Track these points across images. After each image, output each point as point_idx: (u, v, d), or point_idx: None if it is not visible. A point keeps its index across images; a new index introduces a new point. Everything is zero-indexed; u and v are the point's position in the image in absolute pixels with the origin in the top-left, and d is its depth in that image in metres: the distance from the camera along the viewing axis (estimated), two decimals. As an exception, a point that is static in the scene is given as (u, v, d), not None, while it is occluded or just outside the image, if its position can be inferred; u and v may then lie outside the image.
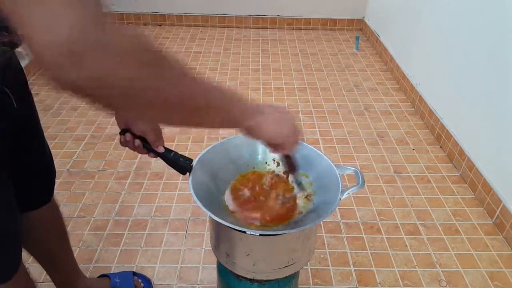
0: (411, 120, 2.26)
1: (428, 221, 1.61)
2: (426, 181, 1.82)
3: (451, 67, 2.01)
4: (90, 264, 1.40)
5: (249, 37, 3.35)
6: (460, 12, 1.94)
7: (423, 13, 2.35)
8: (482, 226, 1.59)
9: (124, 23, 3.39)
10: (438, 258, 1.45)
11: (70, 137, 2.04)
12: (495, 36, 1.65)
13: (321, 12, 3.45)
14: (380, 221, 1.60)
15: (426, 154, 1.99)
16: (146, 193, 1.72)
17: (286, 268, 0.90)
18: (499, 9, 1.63)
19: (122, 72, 0.42)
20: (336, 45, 3.23)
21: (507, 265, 1.43)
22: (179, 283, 1.35)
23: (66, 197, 1.68)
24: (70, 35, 0.38)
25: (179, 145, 2.00)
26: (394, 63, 2.72)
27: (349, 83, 2.65)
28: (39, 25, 0.37)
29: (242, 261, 0.89)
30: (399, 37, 2.74)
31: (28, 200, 0.96)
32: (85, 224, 1.55)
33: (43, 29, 0.37)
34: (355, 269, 1.41)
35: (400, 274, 1.40)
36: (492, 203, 1.61)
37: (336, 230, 1.56)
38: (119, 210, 1.63)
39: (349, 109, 2.36)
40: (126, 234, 1.52)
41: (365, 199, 1.71)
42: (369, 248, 1.49)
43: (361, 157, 1.97)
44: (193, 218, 1.59)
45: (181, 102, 0.53)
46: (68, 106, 2.30)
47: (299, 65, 2.90)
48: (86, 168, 1.84)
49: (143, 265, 1.40)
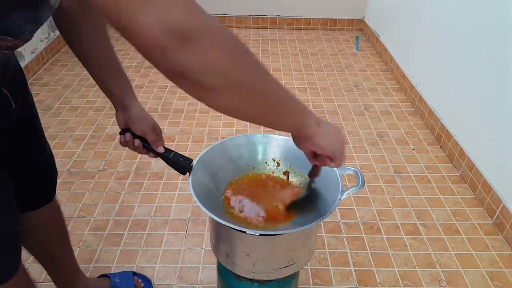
0: (411, 120, 2.26)
1: (428, 221, 1.61)
2: (426, 181, 1.82)
3: (451, 67, 2.01)
4: (90, 264, 1.40)
5: (249, 37, 3.35)
6: (460, 12, 1.94)
7: (423, 13, 2.35)
8: (482, 226, 1.59)
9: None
10: (438, 258, 1.46)
11: (70, 137, 2.04)
12: (495, 36, 1.65)
13: (321, 12, 3.45)
14: (380, 221, 1.60)
15: (426, 154, 1.99)
16: (146, 193, 1.72)
17: (286, 268, 0.90)
18: (499, 9, 1.63)
19: (227, 59, 0.48)
20: (336, 45, 3.23)
21: (507, 265, 1.43)
22: (179, 283, 1.35)
23: (66, 197, 1.68)
24: (184, 20, 0.43)
25: (179, 145, 2.00)
26: (394, 63, 2.72)
27: (349, 83, 2.65)
28: (154, 11, 0.42)
29: (242, 261, 0.90)
30: (399, 37, 2.74)
31: (29, 200, 0.96)
32: (85, 224, 1.56)
33: (159, 14, 0.42)
34: (355, 269, 1.41)
35: (400, 274, 1.40)
36: (492, 203, 1.61)
37: (336, 230, 1.56)
38: (119, 210, 1.63)
39: (349, 109, 2.36)
40: (126, 234, 1.52)
41: (365, 199, 1.71)
42: (369, 248, 1.49)
43: (361, 157, 1.97)
44: (193, 218, 1.59)
45: (263, 95, 0.56)
46: (68, 106, 2.30)
47: (299, 65, 2.90)
48: (86, 168, 1.84)
49: (143, 265, 1.40)
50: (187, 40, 0.43)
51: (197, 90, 0.50)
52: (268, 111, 0.60)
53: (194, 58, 0.45)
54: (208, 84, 0.48)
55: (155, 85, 2.55)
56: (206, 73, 0.47)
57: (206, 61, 0.46)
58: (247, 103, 0.55)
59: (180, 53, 0.44)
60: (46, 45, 2.79)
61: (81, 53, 0.85)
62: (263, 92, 0.56)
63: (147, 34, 0.42)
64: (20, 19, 0.60)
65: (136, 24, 0.42)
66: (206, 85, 0.48)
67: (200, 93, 0.50)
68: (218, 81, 0.48)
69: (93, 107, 2.30)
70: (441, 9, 2.13)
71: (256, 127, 2.16)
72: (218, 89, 0.49)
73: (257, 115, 0.60)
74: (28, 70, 2.55)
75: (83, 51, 0.85)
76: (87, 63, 0.86)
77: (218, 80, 0.48)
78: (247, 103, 0.55)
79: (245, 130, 2.14)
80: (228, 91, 0.51)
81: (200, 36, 0.44)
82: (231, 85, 0.50)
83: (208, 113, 2.27)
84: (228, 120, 2.21)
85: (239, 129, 2.15)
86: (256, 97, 0.56)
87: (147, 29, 0.42)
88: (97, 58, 0.85)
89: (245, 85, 0.52)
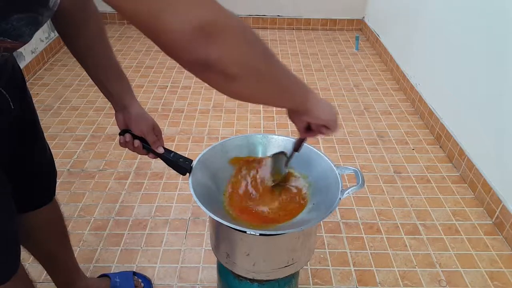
0: (411, 120, 2.27)
1: (428, 221, 1.61)
2: (426, 181, 1.82)
3: (451, 67, 2.01)
4: (90, 264, 1.40)
5: (249, 37, 3.35)
6: (460, 12, 1.94)
7: (423, 13, 2.35)
8: (482, 226, 1.59)
9: (124, 24, 3.39)
10: (438, 258, 1.46)
11: (70, 137, 2.04)
12: (495, 36, 1.65)
13: (321, 12, 3.45)
14: (380, 221, 1.61)
15: (426, 154, 1.99)
16: (146, 193, 1.72)
17: (286, 268, 0.91)
18: (499, 9, 1.63)
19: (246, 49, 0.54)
20: (336, 45, 3.23)
21: (507, 265, 1.43)
22: (179, 283, 1.35)
23: (66, 197, 1.68)
24: (208, 16, 0.48)
25: (179, 145, 2.00)
26: (394, 63, 2.72)
27: (349, 83, 2.65)
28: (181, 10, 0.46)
29: (242, 261, 0.90)
30: (399, 37, 2.74)
31: (28, 200, 0.96)
32: (85, 224, 1.56)
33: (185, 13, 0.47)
34: (355, 269, 1.41)
35: (400, 274, 1.40)
36: (492, 203, 1.62)
37: (336, 230, 1.56)
38: (119, 210, 1.63)
39: (349, 109, 2.36)
40: (126, 234, 1.52)
41: (365, 199, 1.71)
42: (369, 248, 1.49)
43: (361, 157, 1.97)
44: (193, 218, 1.60)
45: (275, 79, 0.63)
46: (68, 106, 2.30)
47: (299, 65, 2.90)
48: (86, 168, 1.84)
49: (143, 265, 1.40)
50: (212, 35, 0.48)
51: (220, 80, 0.54)
52: (278, 92, 0.66)
53: (219, 51, 0.50)
54: (230, 73, 0.53)
55: (155, 85, 2.55)
56: (230, 64, 0.52)
57: (229, 52, 0.51)
58: (262, 88, 0.61)
59: (206, 47, 0.49)
60: (46, 45, 2.79)
61: (80, 55, 0.85)
62: (274, 76, 0.62)
63: (175, 32, 0.47)
64: (19, 22, 0.61)
65: (163, 24, 0.46)
66: (229, 74, 0.53)
67: (221, 82, 0.55)
68: (239, 69, 0.54)
69: (93, 107, 2.30)
70: (441, 9, 2.13)
71: (256, 127, 2.17)
72: (239, 76, 0.54)
73: (268, 97, 0.66)
74: (28, 70, 2.55)
75: (82, 53, 0.85)
76: (86, 65, 0.86)
77: (239, 69, 0.54)
78: (262, 87, 0.61)
79: (245, 130, 2.14)
80: (246, 78, 0.56)
81: (223, 30, 0.49)
82: (250, 72, 0.56)
83: (208, 113, 2.28)
84: (228, 120, 2.22)
85: (238, 129, 2.15)
86: (269, 81, 0.61)
87: (175, 28, 0.47)
88: (96, 60, 0.86)
89: (260, 71, 0.58)
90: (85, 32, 0.83)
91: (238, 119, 2.23)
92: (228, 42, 0.50)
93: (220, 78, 0.53)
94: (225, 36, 0.50)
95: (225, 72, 0.52)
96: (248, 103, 2.37)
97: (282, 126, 2.18)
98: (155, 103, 2.36)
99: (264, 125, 2.19)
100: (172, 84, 2.57)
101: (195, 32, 0.47)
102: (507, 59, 1.56)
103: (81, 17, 0.82)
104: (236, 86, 0.56)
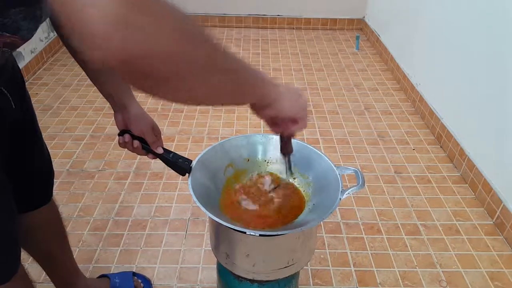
0: (412, 120, 2.26)
1: (428, 221, 1.60)
2: (426, 181, 1.81)
3: (451, 67, 2.01)
4: (90, 264, 1.40)
5: (249, 37, 3.35)
6: (460, 12, 1.93)
7: (423, 12, 2.34)
8: (483, 226, 1.59)
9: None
10: (439, 258, 1.45)
11: (69, 137, 2.04)
12: (495, 36, 1.65)
13: (321, 12, 3.45)
14: (381, 221, 1.60)
15: (426, 154, 1.99)
16: (146, 193, 1.71)
17: (286, 268, 0.90)
18: (499, 9, 1.63)
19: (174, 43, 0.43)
20: (336, 45, 3.22)
21: (507, 265, 1.43)
22: (179, 283, 1.35)
23: (66, 197, 1.67)
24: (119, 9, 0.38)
25: (179, 145, 2.00)
26: (394, 63, 2.71)
27: (349, 83, 2.65)
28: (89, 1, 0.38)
29: (242, 262, 0.89)
30: (399, 37, 2.73)
31: (27, 200, 0.96)
32: (84, 224, 1.55)
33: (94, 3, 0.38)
34: (355, 270, 1.40)
35: (400, 274, 1.39)
36: (492, 203, 1.61)
37: (336, 230, 1.55)
38: (119, 210, 1.62)
39: (349, 109, 2.36)
40: (125, 234, 1.52)
41: (365, 199, 1.70)
42: (369, 248, 1.48)
43: (361, 157, 1.96)
44: (193, 218, 1.59)
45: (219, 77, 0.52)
46: (68, 106, 2.30)
47: (299, 65, 2.89)
48: (85, 168, 1.84)
49: (143, 265, 1.40)
50: (130, 25, 0.39)
51: (142, 81, 0.45)
52: (227, 92, 0.56)
53: (138, 45, 0.40)
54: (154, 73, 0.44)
55: (155, 85, 2.54)
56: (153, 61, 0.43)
57: (151, 47, 0.42)
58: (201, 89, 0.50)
59: (123, 39, 0.39)
60: (45, 45, 2.79)
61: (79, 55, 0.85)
62: (225, 71, 0.53)
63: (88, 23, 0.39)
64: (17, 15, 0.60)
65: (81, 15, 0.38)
66: (153, 74, 0.44)
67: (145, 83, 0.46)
68: (165, 68, 0.44)
69: (92, 106, 2.30)
70: (441, 9, 2.13)
71: (256, 127, 2.16)
72: (166, 78, 0.45)
73: (213, 99, 0.57)
74: (27, 70, 2.55)
75: None
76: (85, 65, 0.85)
77: (165, 68, 0.44)
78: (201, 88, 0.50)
79: (245, 130, 2.13)
80: (177, 79, 0.46)
81: (145, 21, 0.40)
82: (181, 73, 0.46)
83: (208, 113, 2.27)
84: (228, 120, 2.21)
85: (238, 129, 2.14)
86: (219, 75, 0.52)
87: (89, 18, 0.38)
88: None
89: (196, 71, 0.48)
90: None
91: (238, 119, 2.23)
92: (151, 35, 0.41)
93: (141, 79, 0.45)
94: (149, 27, 0.41)
95: (147, 72, 0.44)
96: (248, 103, 2.37)
97: (282, 126, 2.17)
98: (155, 103, 2.35)
99: (264, 125, 2.18)
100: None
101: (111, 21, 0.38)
102: (507, 59, 1.56)
103: None
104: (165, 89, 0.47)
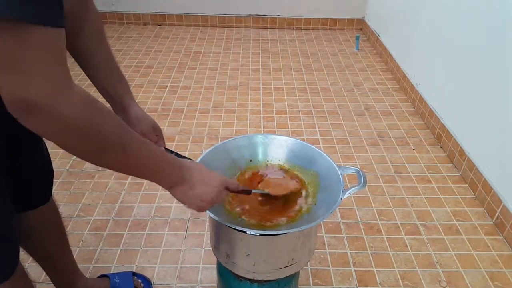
0: (411, 120, 2.26)
1: (428, 221, 1.60)
2: (426, 181, 1.81)
3: (451, 67, 2.01)
4: (90, 264, 1.40)
5: (249, 37, 3.35)
6: (460, 11, 1.93)
7: (423, 13, 2.34)
8: (483, 226, 1.59)
9: (124, 23, 3.39)
10: (439, 258, 1.45)
11: (69, 137, 2.03)
12: (495, 36, 1.65)
13: (321, 12, 3.45)
14: (380, 221, 1.60)
15: (426, 154, 1.99)
16: (146, 193, 1.71)
17: (286, 268, 0.90)
18: (499, 9, 1.63)
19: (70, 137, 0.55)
20: (336, 45, 3.22)
21: (507, 265, 1.43)
22: (179, 283, 1.35)
23: (66, 197, 1.67)
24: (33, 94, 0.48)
25: (179, 145, 2.00)
26: (394, 63, 2.72)
27: (349, 83, 2.65)
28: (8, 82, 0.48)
29: (242, 261, 0.89)
30: (399, 37, 2.73)
31: (26, 200, 0.96)
32: (84, 224, 1.55)
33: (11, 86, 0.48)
34: (355, 269, 1.40)
35: (400, 274, 1.39)
36: (492, 203, 1.61)
37: (336, 230, 1.56)
38: (119, 210, 1.62)
39: (349, 109, 2.36)
40: (126, 234, 1.52)
41: (365, 199, 1.70)
42: (369, 248, 1.48)
43: (361, 157, 1.96)
44: (193, 218, 1.59)
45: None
46: (68, 106, 2.30)
47: (299, 65, 2.89)
48: (85, 168, 1.84)
49: (143, 265, 1.40)
50: (31, 112, 0.50)
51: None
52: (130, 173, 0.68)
53: (39, 128, 0.52)
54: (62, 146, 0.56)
55: (155, 85, 2.54)
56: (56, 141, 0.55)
57: (48, 133, 0.54)
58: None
59: (27, 121, 0.51)
60: (45, 45, 2.78)
61: (79, 56, 0.85)
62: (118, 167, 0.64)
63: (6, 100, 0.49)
64: None
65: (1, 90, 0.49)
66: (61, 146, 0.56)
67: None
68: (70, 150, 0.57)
69: (93, 107, 2.29)
70: (441, 9, 2.13)
71: (256, 127, 2.16)
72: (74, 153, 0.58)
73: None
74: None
75: (82, 55, 0.85)
76: (85, 66, 0.86)
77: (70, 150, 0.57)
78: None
79: (245, 130, 2.13)
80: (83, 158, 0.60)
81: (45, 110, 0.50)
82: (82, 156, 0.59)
83: (208, 113, 2.27)
84: (228, 120, 2.21)
85: (238, 129, 2.14)
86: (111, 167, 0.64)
87: (5, 96, 0.49)
88: (95, 61, 0.85)
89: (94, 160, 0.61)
90: (85, 34, 0.83)
91: (238, 119, 2.23)
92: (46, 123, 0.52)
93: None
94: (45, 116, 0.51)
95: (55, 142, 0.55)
96: (248, 103, 2.37)
97: (282, 126, 2.18)
98: (155, 103, 2.35)
99: (264, 125, 2.19)
100: (172, 84, 2.57)
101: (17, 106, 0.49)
102: (507, 59, 1.56)
103: (80, 17, 0.81)
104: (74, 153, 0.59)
